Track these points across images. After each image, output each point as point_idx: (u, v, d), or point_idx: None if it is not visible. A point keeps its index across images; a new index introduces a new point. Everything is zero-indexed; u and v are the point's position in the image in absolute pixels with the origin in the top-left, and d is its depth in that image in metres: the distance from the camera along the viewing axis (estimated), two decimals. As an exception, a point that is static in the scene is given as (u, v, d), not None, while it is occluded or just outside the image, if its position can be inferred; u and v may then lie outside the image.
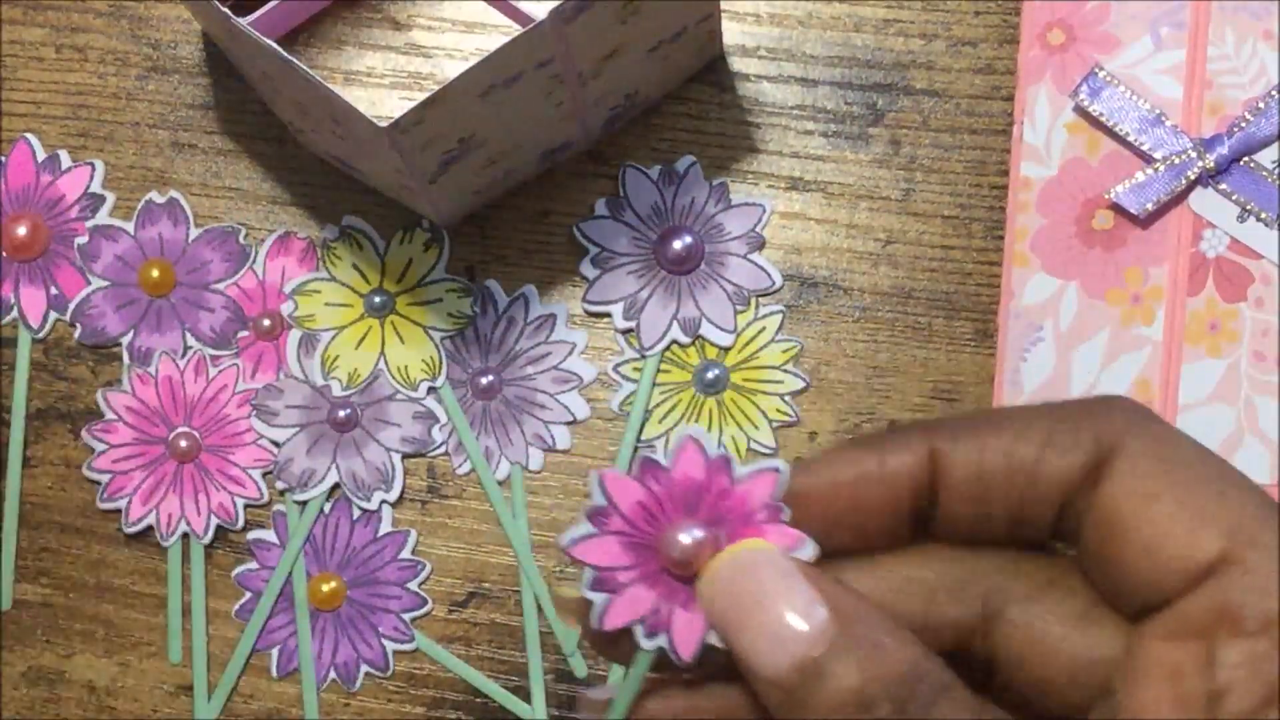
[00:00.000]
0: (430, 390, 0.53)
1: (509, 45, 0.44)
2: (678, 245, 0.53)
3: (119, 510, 0.54)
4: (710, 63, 0.54)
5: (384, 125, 0.44)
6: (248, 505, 0.54)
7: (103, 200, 0.55)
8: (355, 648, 0.53)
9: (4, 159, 0.55)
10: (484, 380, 0.53)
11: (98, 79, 0.55)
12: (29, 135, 0.55)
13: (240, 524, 0.54)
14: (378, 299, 0.53)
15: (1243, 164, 0.47)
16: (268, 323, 0.54)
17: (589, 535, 0.31)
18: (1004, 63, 0.53)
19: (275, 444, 0.54)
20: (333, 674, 0.53)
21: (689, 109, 0.54)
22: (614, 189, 0.54)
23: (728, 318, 0.53)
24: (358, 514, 0.53)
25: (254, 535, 0.54)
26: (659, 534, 0.31)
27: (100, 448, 0.54)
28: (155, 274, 0.54)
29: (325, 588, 0.53)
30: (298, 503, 0.53)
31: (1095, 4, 0.49)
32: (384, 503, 0.53)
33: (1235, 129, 0.47)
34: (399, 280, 0.54)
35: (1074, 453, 0.30)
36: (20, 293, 0.55)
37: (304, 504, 0.53)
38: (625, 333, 0.53)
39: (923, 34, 0.53)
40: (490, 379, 0.53)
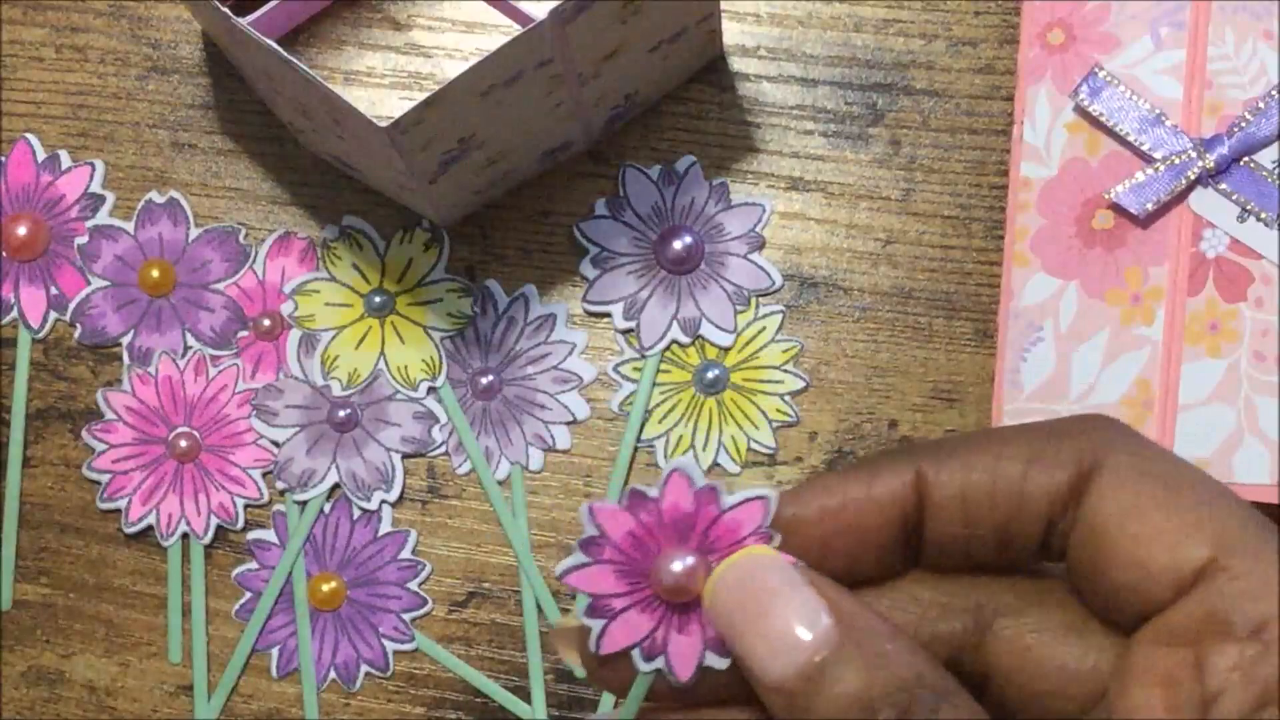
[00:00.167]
0: (430, 390, 0.53)
1: (509, 45, 0.44)
2: (678, 245, 0.53)
3: (119, 510, 0.54)
4: (710, 63, 0.54)
5: (384, 125, 0.44)
6: (248, 505, 0.54)
7: (103, 200, 0.55)
8: (355, 648, 0.53)
9: (4, 159, 0.55)
10: (484, 380, 0.53)
11: (98, 79, 0.55)
12: (29, 135, 0.55)
13: (240, 524, 0.54)
14: (378, 299, 0.53)
15: (1243, 164, 0.47)
16: (268, 323, 0.54)
17: (582, 565, 0.31)
18: (1004, 63, 0.53)
19: (275, 444, 0.54)
20: (333, 674, 0.53)
21: (689, 109, 0.54)
22: (614, 189, 0.54)
23: (728, 318, 0.53)
24: (358, 514, 0.53)
25: (254, 535, 0.54)
26: (651, 562, 0.31)
27: (100, 448, 0.54)
28: (155, 274, 0.54)
29: (325, 588, 0.53)
30: (298, 503, 0.53)
31: (1095, 4, 0.49)
32: (384, 503, 0.53)
33: (1235, 129, 0.47)
34: (399, 280, 0.54)
35: (1058, 470, 0.31)
36: (20, 293, 0.55)
37: (304, 504, 0.53)
38: (625, 333, 0.53)
39: (923, 34, 0.53)
40: (490, 379, 0.53)
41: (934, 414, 0.52)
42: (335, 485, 0.53)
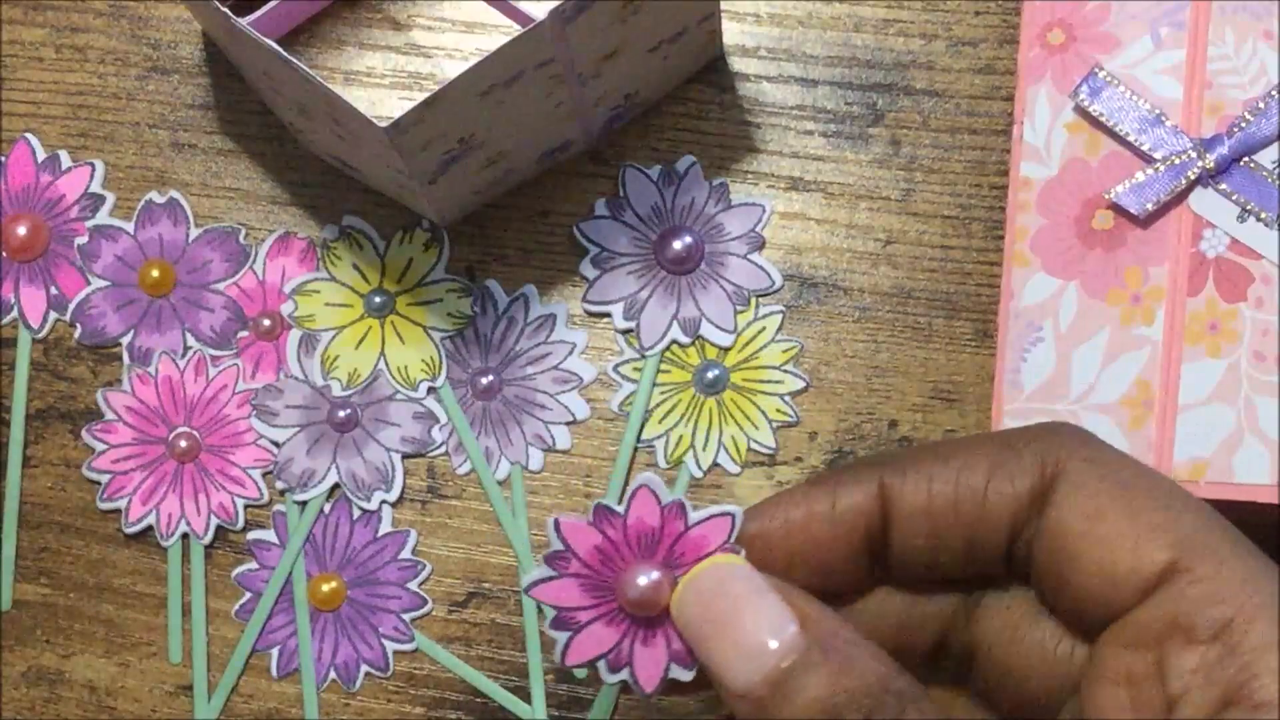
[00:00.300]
0: (430, 390, 0.53)
1: (509, 45, 0.44)
2: (678, 245, 0.53)
3: (119, 510, 0.54)
4: (710, 63, 0.54)
5: (384, 125, 0.44)
6: (248, 505, 0.54)
7: (103, 200, 0.55)
8: (355, 648, 0.53)
9: (4, 159, 0.55)
10: (484, 380, 0.53)
11: (98, 79, 0.55)
12: (29, 135, 0.55)
13: (240, 524, 0.54)
14: (378, 299, 0.53)
15: (1243, 164, 0.47)
16: (268, 323, 0.54)
17: (549, 578, 0.31)
18: (1004, 63, 0.53)
19: (275, 444, 0.54)
20: (333, 674, 0.53)
21: (689, 109, 0.54)
22: (614, 189, 0.54)
23: (728, 318, 0.53)
24: (358, 514, 0.53)
25: (254, 535, 0.54)
26: (617, 576, 0.31)
27: (100, 448, 0.54)
28: (155, 274, 0.54)
29: (325, 588, 0.53)
30: (298, 503, 0.53)
31: (1095, 4, 0.49)
32: (384, 503, 0.53)
33: (1235, 129, 0.47)
34: (399, 280, 0.54)
35: (1020, 479, 0.31)
36: (20, 293, 0.55)
37: (304, 504, 0.53)
38: (625, 333, 0.53)
39: (923, 34, 0.53)
40: (490, 379, 0.53)
41: (934, 414, 0.52)
42: (335, 485, 0.53)
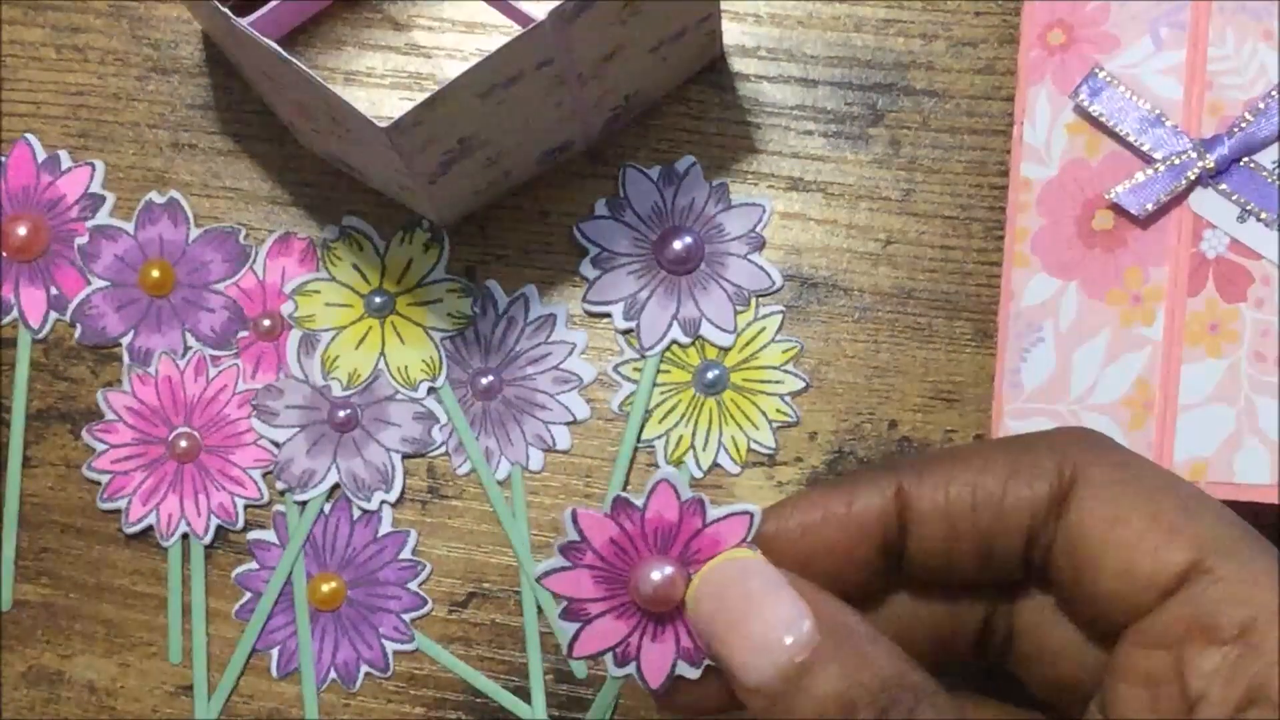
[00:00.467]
0: (430, 390, 0.53)
1: (509, 45, 0.44)
2: (678, 245, 0.53)
3: (119, 510, 0.54)
4: (710, 63, 0.54)
5: (384, 125, 0.44)
6: (248, 505, 0.54)
7: (103, 200, 0.55)
8: (355, 648, 0.53)
9: (4, 159, 0.55)
10: (484, 380, 0.53)
11: (98, 79, 0.55)
12: (29, 135, 0.55)
13: (240, 524, 0.54)
14: (378, 299, 0.53)
15: (1243, 164, 0.47)
16: (268, 323, 0.54)
17: (562, 568, 0.31)
18: (1004, 63, 0.53)
19: (275, 444, 0.54)
20: (333, 674, 0.53)
21: (689, 109, 0.54)
22: (614, 189, 0.54)
23: (728, 318, 0.53)
24: (358, 514, 0.53)
25: (254, 535, 0.54)
26: (631, 570, 0.31)
27: (100, 448, 0.54)
28: (155, 274, 0.54)
29: (325, 588, 0.53)
30: (298, 503, 0.53)
31: (1095, 4, 0.49)
32: (384, 503, 0.53)
33: (1235, 129, 0.47)
34: (399, 280, 0.54)
35: (1038, 482, 0.31)
36: (20, 293, 0.55)
37: (304, 504, 0.53)
38: (625, 333, 0.53)
39: (923, 34, 0.53)
40: (490, 379, 0.53)
41: (934, 414, 0.52)
42: (335, 485, 0.53)
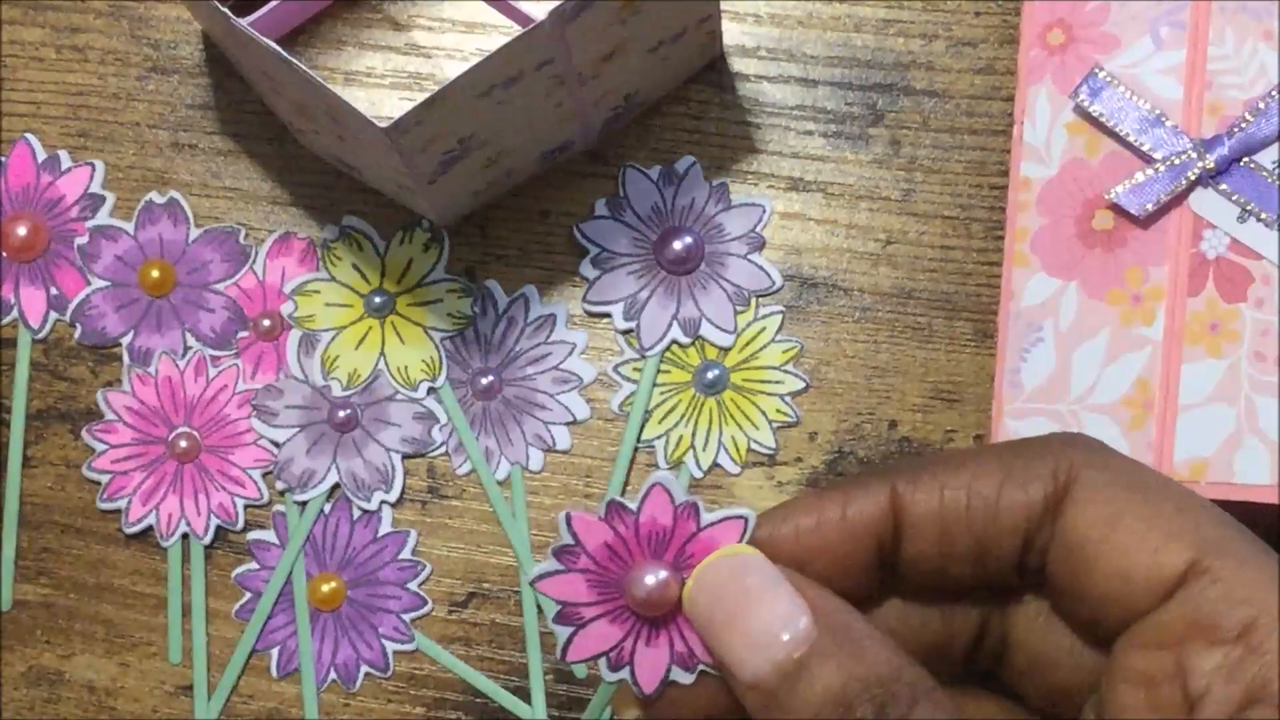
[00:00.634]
0: (430, 390, 0.53)
1: (509, 45, 0.44)
2: (678, 245, 0.53)
3: (119, 510, 0.54)
4: (710, 63, 0.54)
5: (384, 125, 0.44)
6: (248, 505, 0.54)
7: (103, 200, 0.55)
8: (355, 648, 0.53)
9: (4, 159, 0.55)
10: (484, 380, 0.53)
11: (98, 79, 0.55)
12: (29, 135, 0.55)
13: (240, 524, 0.54)
14: (378, 299, 0.53)
15: (1243, 164, 0.47)
16: (268, 323, 0.54)
17: (555, 572, 0.31)
18: (1004, 63, 0.53)
19: (275, 444, 0.54)
20: (333, 674, 0.53)
21: (689, 109, 0.54)
22: (614, 189, 0.54)
23: (728, 318, 0.53)
24: (358, 514, 0.53)
25: (254, 535, 0.54)
26: (624, 574, 0.31)
27: (100, 448, 0.54)
28: (155, 274, 0.54)
29: (325, 588, 0.53)
30: (298, 503, 0.53)
31: (1095, 4, 0.49)
32: (384, 503, 0.53)
33: (1235, 129, 0.47)
34: (399, 280, 0.54)
35: (1033, 486, 0.31)
36: (20, 293, 0.55)
37: (304, 504, 0.53)
38: (625, 333, 0.53)
39: (923, 34, 0.53)
40: (490, 379, 0.53)
41: (934, 414, 0.52)
42: (335, 485, 0.53)
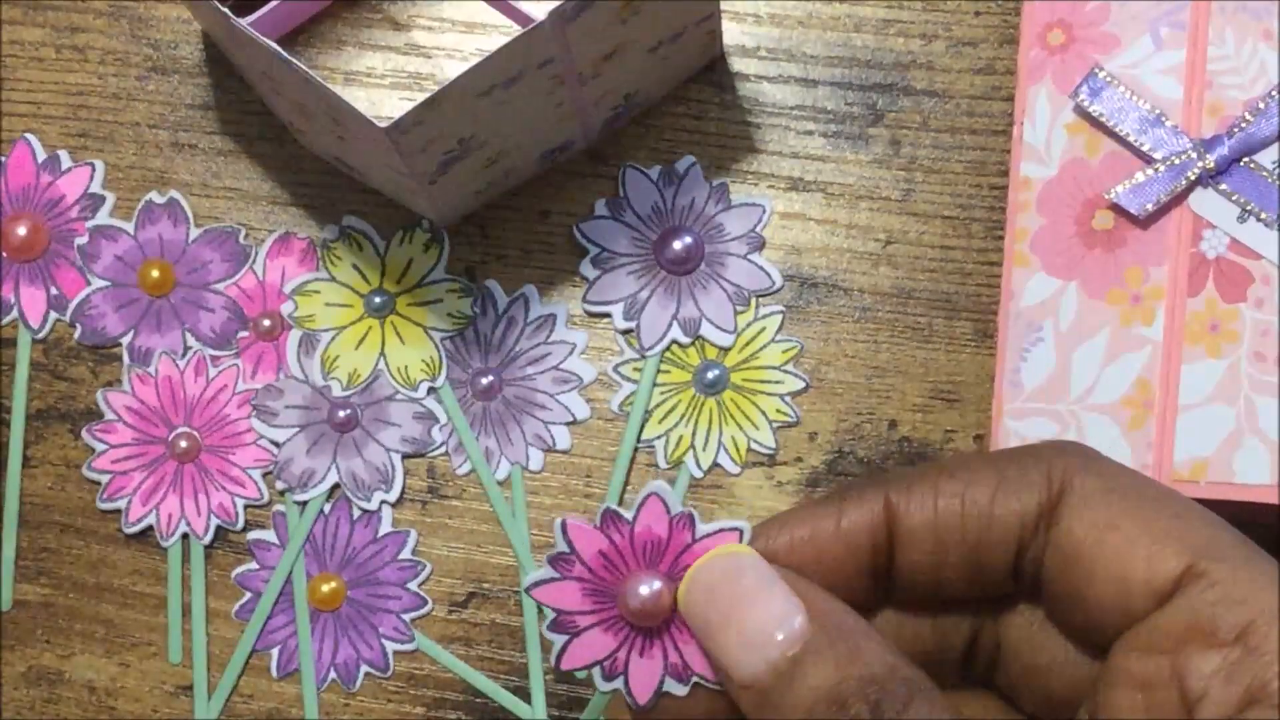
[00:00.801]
0: (430, 390, 0.53)
1: (509, 45, 0.44)
2: (678, 245, 0.53)
3: (119, 510, 0.54)
4: (710, 63, 0.54)
5: (384, 125, 0.44)
6: (248, 505, 0.54)
7: (103, 200, 0.55)
8: (355, 648, 0.53)
9: (4, 159, 0.55)
10: (484, 380, 0.53)
11: (98, 79, 0.55)
12: (29, 135, 0.55)
13: (240, 524, 0.54)
14: (378, 299, 0.53)
15: (1243, 164, 0.47)
16: (268, 323, 0.54)
17: (550, 579, 0.31)
18: (1004, 63, 0.53)
19: (275, 444, 0.54)
20: (333, 674, 0.53)
21: (689, 109, 0.54)
22: (614, 189, 0.54)
23: (728, 318, 0.53)
24: (358, 514, 0.53)
25: (254, 535, 0.54)
26: (619, 583, 0.31)
27: (100, 448, 0.54)
28: (155, 274, 0.54)
29: (325, 588, 0.53)
30: (298, 503, 0.53)
31: (1095, 4, 0.49)
32: (384, 503, 0.53)
33: (1235, 129, 0.47)
34: (399, 280, 0.54)
35: (1026, 494, 0.31)
36: (20, 293, 0.55)
37: (304, 504, 0.53)
38: (625, 333, 0.53)
39: (923, 34, 0.53)
40: (490, 379, 0.53)
41: (934, 414, 0.52)
42: (335, 485, 0.53)
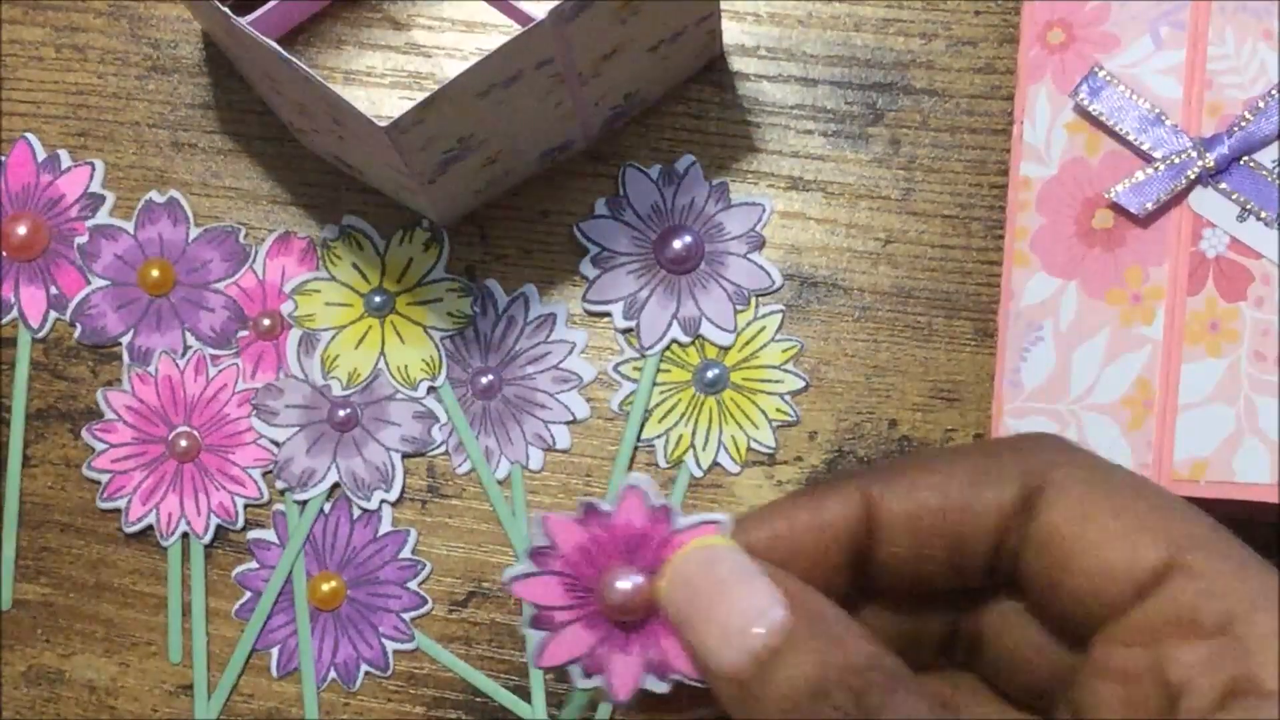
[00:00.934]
0: (430, 390, 0.53)
1: (509, 45, 0.44)
2: (678, 245, 0.53)
3: (119, 510, 0.54)
4: (710, 63, 0.54)
5: (384, 125, 0.44)
6: (248, 505, 0.54)
7: (103, 200, 0.55)
8: (355, 647, 0.53)
9: (4, 159, 0.55)
10: (484, 380, 0.53)
11: (98, 79, 0.55)
12: (29, 135, 0.55)
13: (240, 524, 0.54)
14: (378, 299, 0.53)
15: (1243, 164, 0.47)
16: (268, 322, 0.54)
17: (530, 574, 0.31)
18: (1004, 62, 0.53)
19: (275, 444, 0.54)
20: (333, 674, 0.53)
21: (689, 109, 0.54)
22: (614, 189, 0.54)
23: (728, 317, 0.53)
24: (358, 514, 0.53)
25: (254, 535, 0.54)
26: (598, 578, 0.31)
27: (100, 447, 0.54)
28: (155, 274, 0.54)
29: (325, 587, 0.53)
30: (298, 502, 0.53)
31: (1095, 4, 0.49)
32: (384, 502, 0.53)
33: (1235, 129, 0.47)
34: (399, 280, 0.54)
35: (1005, 486, 0.31)
36: (20, 293, 0.55)
37: (304, 504, 0.53)
38: (625, 332, 0.53)
39: (923, 34, 0.53)
40: (490, 378, 0.53)
41: (934, 414, 0.52)
42: (335, 485, 0.53)
